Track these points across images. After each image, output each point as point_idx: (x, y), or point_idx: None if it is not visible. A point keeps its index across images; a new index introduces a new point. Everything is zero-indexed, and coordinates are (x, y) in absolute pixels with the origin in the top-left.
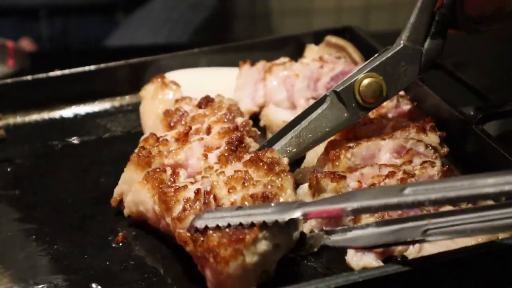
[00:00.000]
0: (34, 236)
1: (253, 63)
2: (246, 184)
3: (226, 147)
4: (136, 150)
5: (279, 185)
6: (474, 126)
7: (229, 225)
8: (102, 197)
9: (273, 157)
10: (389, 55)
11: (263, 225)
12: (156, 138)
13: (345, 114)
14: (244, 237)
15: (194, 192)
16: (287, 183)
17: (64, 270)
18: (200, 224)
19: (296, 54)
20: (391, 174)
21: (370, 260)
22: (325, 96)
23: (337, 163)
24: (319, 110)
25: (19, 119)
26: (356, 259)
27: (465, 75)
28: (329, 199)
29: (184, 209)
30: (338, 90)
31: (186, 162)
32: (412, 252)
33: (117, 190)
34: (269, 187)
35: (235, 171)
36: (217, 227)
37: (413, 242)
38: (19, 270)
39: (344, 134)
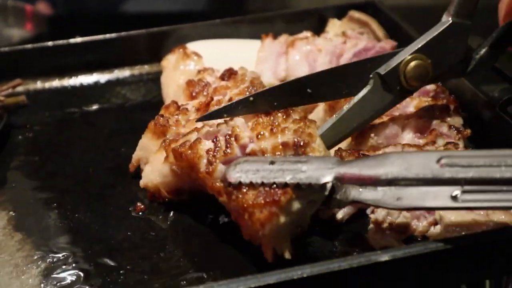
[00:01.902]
0: (55, 204)
1: (274, 36)
2: (274, 131)
3: None
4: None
5: (308, 132)
6: (498, 108)
7: (262, 183)
8: (123, 167)
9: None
10: (436, 33)
11: (297, 185)
12: (177, 106)
13: (389, 97)
14: (279, 199)
15: (213, 141)
16: (315, 131)
17: (84, 240)
18: (234, 178)
19: (317, 27)
20: None
21: (391, 239)
22: (368, 78)
23: (360, 141)
24: (361, 93)
25: (39, 85)
26: (377, 238)
27: None
28: (365, 161)
29: (210, 162)
30: (382, 73)
31: None
32: (433, 233)
33: (134, 156)
34: (299, 133)
35: (260, 117)
36: (251, 184)
37: (442, 209)
38: (40, 237)
39: None
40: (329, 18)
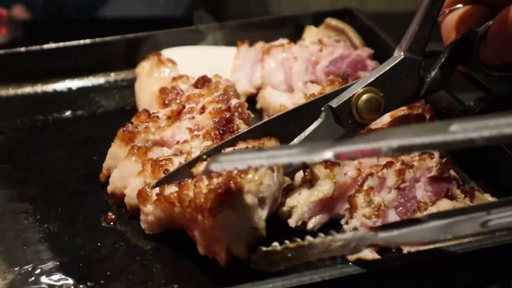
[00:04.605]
0: (24, 214)
1: (251, 43)
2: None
3: (213, 127)
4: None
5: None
6: None
7: (249, 168)
8: (94, 175)
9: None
10: (388, 68)
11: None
12: (148, 114)
13: (341, 131)
14: (229, 189)
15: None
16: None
17: (54, 250)
18: (216, 167)
19: (295, 34)
20: (389, 164)
21: (365, 251)
22: (319, 111)
23: None
24: (312, 127)
25: (11, 91)
26: None
27: None
28: (365, 137)
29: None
30: (334, 106)
31: (172, 139)
32: None
33: (105, 165)
34: None
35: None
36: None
37: (472, 236)
38: (7, 248)
39: None
40: (306, 26)
